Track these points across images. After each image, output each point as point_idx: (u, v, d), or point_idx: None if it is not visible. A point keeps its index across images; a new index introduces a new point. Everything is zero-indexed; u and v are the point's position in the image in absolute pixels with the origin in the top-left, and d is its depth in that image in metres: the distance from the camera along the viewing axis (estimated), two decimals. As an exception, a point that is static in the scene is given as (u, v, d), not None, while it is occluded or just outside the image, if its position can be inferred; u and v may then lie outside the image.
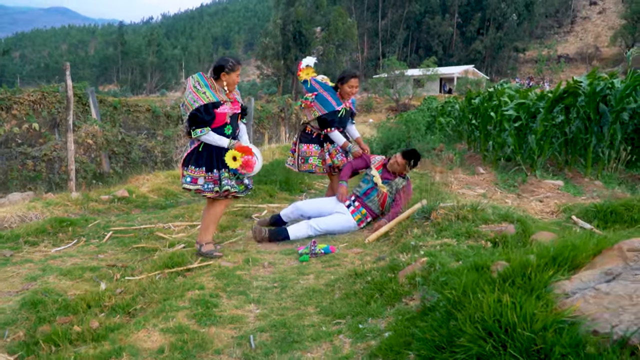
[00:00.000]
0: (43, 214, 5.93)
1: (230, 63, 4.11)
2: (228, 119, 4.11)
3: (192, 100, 3.96)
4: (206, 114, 3.96)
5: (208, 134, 4.03)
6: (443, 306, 2.03)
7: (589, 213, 3.85)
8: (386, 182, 4.78)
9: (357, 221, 4.75)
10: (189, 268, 3.87)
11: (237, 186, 4.20)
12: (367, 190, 4.82)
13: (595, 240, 2.01)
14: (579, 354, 1.43)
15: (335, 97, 5.05)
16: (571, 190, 5.77)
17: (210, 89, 4.02)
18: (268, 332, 2.70)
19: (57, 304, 3.22)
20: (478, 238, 3.39)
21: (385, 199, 4.75)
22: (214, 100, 3.99)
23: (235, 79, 4.15)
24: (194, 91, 4.00)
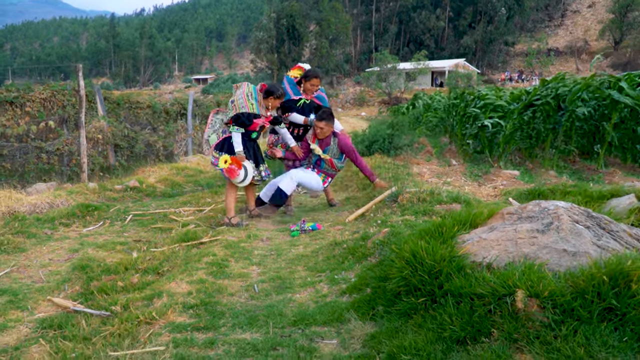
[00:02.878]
0: (68, 201, 6.79)
1: (280, 92, 5.32)
2: (258, 127, 5.33)
3: (242, 105, 5.18)
4: (247, 119, 5.17)
5: (237, 134, 5.23)
6: (388, 256, 2.96)
7: (522, 195, 4.79)
8: (326, 150, 5.77)
9: (322, 180, 5.87)
10: (202, 242, 4.77)
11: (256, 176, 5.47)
12: (317, 160, 5.87)
13: (489, 208, 2.94)
14: (459, 272, 2.34)
15: (296, 89, 6.04)
16: (525, 179, 6.71)
17: (257, 103, 5.23)
18: (267, 283, 3.61)
19: (100, 267, 4.12)
20: (432, 215, 4.30)
21: (332, 161, 5.77)
22: (256, 112, 5.22)
23: (276, 105, 5.37)
24: (245, 99, 5.21)
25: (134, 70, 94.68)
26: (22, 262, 4.35)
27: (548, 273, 2.10)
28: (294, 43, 57.03)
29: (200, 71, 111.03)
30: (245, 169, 5.24)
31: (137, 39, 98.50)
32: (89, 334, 2.90)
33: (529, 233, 2.46)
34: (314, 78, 5.97)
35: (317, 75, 6.01)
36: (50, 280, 3.97)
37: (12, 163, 9.45)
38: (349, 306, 2.83)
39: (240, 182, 5.27)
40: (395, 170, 6.82)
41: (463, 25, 71.66)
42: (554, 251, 2.31)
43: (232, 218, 5.41)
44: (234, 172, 5.15)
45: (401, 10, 71.83)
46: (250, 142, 5.44)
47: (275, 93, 5.28)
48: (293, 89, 6.03)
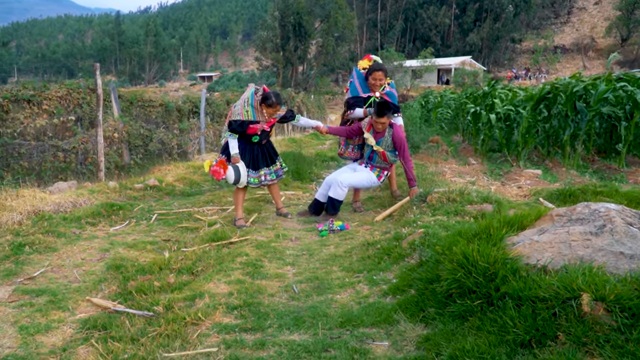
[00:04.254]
0: (90, 200, 6.82)
1: (270, 101, 5.17)
2: (259, 131, 5.28)
3: (237, 112, 5.17)
4: (239, 127, 5.14)
5: (233, 139, 5.23)
6: (433, 257, 2.96)
7: (552, 196, 4.79)
8: (379, 141, 5.47)
9: (376, 176, 5.61)
10: (232, 242, 4.79)
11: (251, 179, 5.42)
12: (370, 154, 5.61)
13: (538, 210, 2.94)
14: (515, 275, 2.35)
15: (365, 85, 5.78)
16: (548, 179, 6.70)
17: (253, 109, 5.18)
18: (305, 283, 3.63)
19: (135, 267, 4.14)
20: (464, 215, 4.31)
21: (384, 154, 5.47)
22: (252, 119, 5.16)
23: (271, 112, 5.23)
24: (242, 106, 5.18)
25: (139, 68, 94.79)
26: (56, 262, 4.37)
27: (610, 277, 2.11)
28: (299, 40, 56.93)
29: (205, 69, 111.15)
30: (237, 170, 5.18)
31: (142, 37, 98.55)
32: (135, 334, 2.91)
33: (582, 235, 2.46)
34: (375, 71, 5.67)
35: (379, 68, 5.70)
36: (86, 280, 3.99)
37: (29, 162, 9.49)
38: (395, 307, 2.84)
39: (234, 184, 5.28)
40: (417, 169, 6.82)
41: (469, 22, 71.39)
42: (610, 254, 2.32)
43: (238, 220, 5.44)
44: (218, 173, 5.16)
45: (407, 7, 71.66)
46: (252, 146, 5.38)
47: (267, 101, 5.14)
48: (362, 85, 5.78)
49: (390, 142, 5.49)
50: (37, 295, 3.64)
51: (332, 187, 5.50)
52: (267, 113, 5.22)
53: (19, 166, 9.41)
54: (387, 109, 5.35)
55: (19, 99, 10.09)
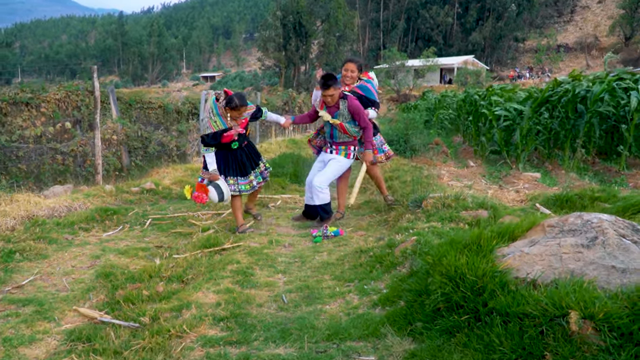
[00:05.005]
0: (85, 204, 6.78)
1: (234, 103, 4.96)
2: (236, 136, 5.14)
3: (205, 127, 5.06)
4: (212, 139, 5.01)
5: (209, 154, 5.13)
6: (424, 268, 2.90)
7: (549, 201, 4.71)
8: (336, 115, 5.25)
9: (344, 156, 5.42)
10: (224, 248, 4.73)
11: (243, 187, 5.27)
12: (330, 132, 5.40)
13: (529, 220, 2.87)
14: (503, 289, 2.28)
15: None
16: (547, 182, 6.62)
17: (220, 117, 5.00)
18: (295, 293, 3.57)
19: (124, 275, 4.08)
20: (458, 221, 4.24)
21: (343, 126, 5.24)
22: (223, 127, 5.01)
23: (237, 115, 5.05)
24: (208, 118, 5.03)
25: (142, 68, 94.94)
26: (45, 270, 4.33)
27: (600, 292, 2.04)
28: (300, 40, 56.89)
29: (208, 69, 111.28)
30: (218, 188, 5.03)
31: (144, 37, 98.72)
32: (119, 347, 2.86)
33: (573, 248, 2.39)
34: (347, 62, 5.54)
35: (352, 60, 5.56)
36: (74, 288, 3.94)
37: (27, 165, 9.46)
38: (383, 320, 2.77)
39: (219, 201, 5.11)
40: (414, 172, 6.75)
41: (471, 22, 71.18)
42: (602, 267, 2.25)
43: (240, 227, 5.33)
44: (200, 198, 5.04)
45: (409, 6, 71.49)
46: (234, 152, 5.21)
47: (230, 105, 4.93)
48: None
49: (347, 113, 5.24)
50: (24, 305, 3.59)
51: (313, 195, 5.38)
52: (234, 116, 5.04)
53: (17, 169, 9.38)
54: (332, 79, 5.12)
55: (17, 101, 10.06)
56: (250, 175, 5.34)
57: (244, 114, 5.17)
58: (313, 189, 5.33)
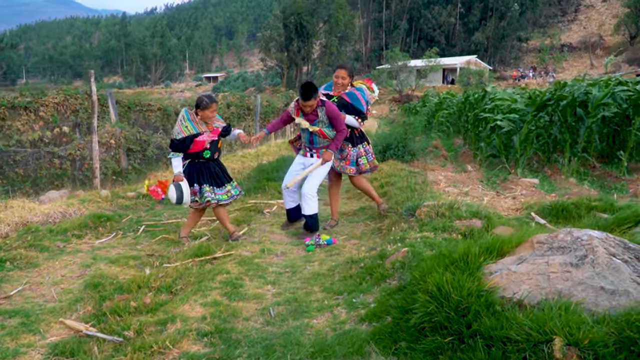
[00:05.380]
0: (80, 210, 6.73)
1: (204, 102, 4.96)
2: (207, 144, 5.08)
3: (176, 131, 5.00)
4: (180, 143, 4.96)
5: (176, 158, 5.05)
6: (410, 283, 2.84)
7: (545, 210, 4.64)
8: (315, 122, 5.17)
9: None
10: (215, 257, 4.68)
11: (220, 197, 5.14)
12: (309, 138, 5.31)
13: (518, 235, 2.80)
14: (488, 310, 2.22)
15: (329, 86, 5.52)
16: (545, 188, 6.54)
17: (192, 122, 4.99)
18: (283, 306, 3.51)
19: (113, 286, 4.04)
20: (452, 231, 4.17)
21: (322, 132, 5.17)
22: (194, 132, 4.97)
23: (209, 114, 4.99)
24: (179, 124, 5.02)
25: (145, 69, 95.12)
26: (35, 279, 4.28)
27: (587, 316, 1.97)
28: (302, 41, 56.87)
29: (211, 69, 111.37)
30: (179, 187, 4.91)
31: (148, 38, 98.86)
32: (101, 363, 2.81)
33: (562, 267, 2.33)
34: (338, 69, 5.37)
35: (342, 66, 5.38)
36: (62, 299, 3.89)
37: (25, 169, 9.43)
38: (369, 337, 2.71)
39: (177, 202, 4.97)
40: (410, 178, 6.68)
41: (474, 22, 70.91)
42: (590, 288, 2.18)
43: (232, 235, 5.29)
44: (156, 193, 5.07)
45: (412, 7, 71.30)
46: (207, 163, 5.14)
47: (199, 105, 4.95)
48: (327, 86, 5.55)
49: (325, 119, 5.16)
50: (10, 317, 3.54)
51: (303, 203, 5.29)
52: (205, 118, 5.00)
53: (15, 173, 9.36)
54: (312, 90, 5.01)
55: (16, 106, 10.04)
56: (227, 185, 5.25)
57: (215, 123, 5.16)
58: (303, 198, 5.25)
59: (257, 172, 9.41)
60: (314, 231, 5.29)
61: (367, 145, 5.61)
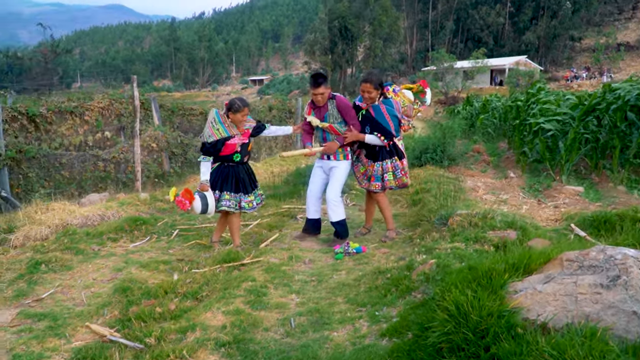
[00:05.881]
0: (119, 213, 6.88)
1: (237, 105, 4.87)
2: (238, 147, 5.00)
3: (207, 134, 4.93)
4: (212, 147, 4.88)
5: (205, 162, 4.97)
6: (432, 298, 2.72)
7: (586, 221, 4.39)
8: (325, 117, 5.03)
9: (344, 158, 5.15)
10: (243, 263, 4.66)
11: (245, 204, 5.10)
12: (323, 136, 5.17)
13: (547, 251, 2.64)
14: (509, 332, 2.09)
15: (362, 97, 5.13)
16: (590, 196, 6.23)
17: (223, 125, 4.92)
18: (305, 316, 3.45)
19: (141, 290, 4.08)
20: (484, 243, 4.01)
21: (333, 128, 5.01)
22: (226, 135, 4.90)
23: (240, 118, 4.91)
24: (209, 126, 4.96)
25: (193, 72, 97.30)
26: (67, 282, 4.38)
27: (614, 344, 1.82)
28: (346, 43, 56.79)
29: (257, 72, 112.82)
30: (204, 199, 4.86)
31: (196, 42, 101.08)
32: (119, 370, 2.82)
33: (591, 288, 2.17)
34: (362, 83, 4.97)
35: (366, 79, 4.93)
36: (91, 303, 3.96)
37: (70, 172, 9.73)
38: (387, 354, 2.61)
39: (201, 213, 4.93)
40: (447, 185, 6.50)
41: (524, 21, 68.95)
42: (621, 312, 2.02)
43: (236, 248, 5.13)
44: (183, 204, 4.86)
45: (459, 7, 70.04)
46: (236, 168, 5.06)
47: (232, 108, 4.83)
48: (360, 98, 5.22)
49: (336, 113, 5.01)
50: (39, 320, 3.63)
51: (329, 210, 5.17)
52: (236, 121, 4.92)
53: (60, 176, 9.67)
54: (322, 77, 4.95)
55: (62, 110, 10.39)
56: (251, 194, 5.16)
57: (246, 124, 5.08)
58: (329, 204, 5.14)
59: (295, 176, 9.40)
60: (343, 238, 5.21)
61: (397, 160, 5.08)
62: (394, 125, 4.94)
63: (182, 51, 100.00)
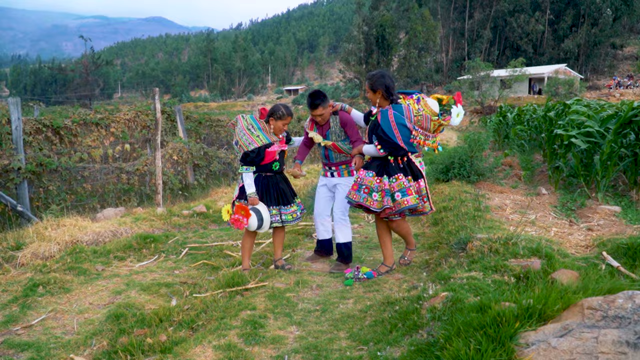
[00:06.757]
0: (132, 229, 6.74)
1: (281, 112, 4.59)
2: (277, 155, 4.67)
3: (247, 142, 4.54)
4: (257, 155, 4.53)
5: (249, 173, 4.62)
6: (435, 343, 2.39)
7: (620, 249, 3.94)
8: (327, 134, 4.77)
9: (349, 175, 4.85)
10: (247, 288, 4.40)
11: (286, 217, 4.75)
12: (325, 154, 4.90)
13: (567, 298, 2.27)
14: (513, 401, 1.75)
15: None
16: (628, 217, 5.72)
17: (262, 132, 4.57)
18: (301, 354, 3.15)
19: (135, 317, 3.86)
20: (504, 273, 3.63)
21: (336, 146, 4.76)
22: (267, 142, 4.55)
23: (281, 127, 4.61)
24: (248, 133, 4.57)
25: (229, 82, 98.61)
26: (61, 307, 4.20)
27: None
28: (382, 53, 56.48)
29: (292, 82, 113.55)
30: (259, 213, 4.55)
31: (232, 53, 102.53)
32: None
33: (615, 346, 1.81)
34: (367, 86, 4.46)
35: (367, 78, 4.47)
36: (81, 331, 3.76)
37: (92, 184, 9.71)
38: (381, 409, 2.29)
39: (257, 229, 4.61)
40: (472, 202, 6.10)
41: (564, 29, 67.19)
42: (652, 382, 1.66)
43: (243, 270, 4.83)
44: (240, 222, 4.49)
45: (496, 15, 68.75)
46: (274, 178, 4.75)
47: (275, 114, 4.56)
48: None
49: (339, 130, 4.75)
50: (22, 350, 3.44)
51: (336, 230, 4.84)
52: (276, 129, 4.62)
53: (82, 189, 9.65)
54: (320, 97, 4.61)
55: (88, 122, 10.42)
56: (293, 204, 4.83)
57: (281, 132, 4.76)
58: (335, 223, 4.85)
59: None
60: (347, 262, 4.89)
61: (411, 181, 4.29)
62: (402, 136, 4.17)
63: (218, 62, 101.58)
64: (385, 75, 4.34)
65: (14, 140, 8.19)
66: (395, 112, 4.20)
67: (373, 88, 4.33)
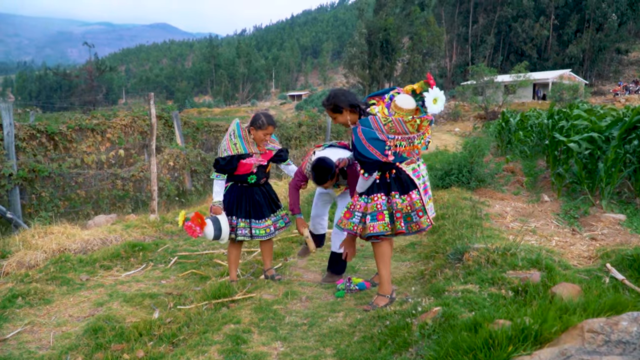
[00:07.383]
0: (122, 237, 6.57)
1: (261, 121, 4.30)
2: (254, 169, 4.42)
3: (223, 148, 4.35)
4: (227, 164, 4.30)
5: (219, 181, 4.39)
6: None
7: (624, 262, 3.73)
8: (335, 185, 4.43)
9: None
10: (234, 299, 4.21)
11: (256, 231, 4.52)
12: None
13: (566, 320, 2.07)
14: None
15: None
16: (633, 225, 5.51)
17: (242, 140, 4.33)
18: (283, 373, 2.95)
19: (114, 331, 3.66)
20: (501, 286, 3.43)
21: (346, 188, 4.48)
22: (243, 152, 4.31)
23: (261, 137, 4.34)
24: (228, 140, 4.36)
25: (233, 88, 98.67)
26: (39, 319, 4.02)
27: None
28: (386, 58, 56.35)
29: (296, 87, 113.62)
30: (217, 223, 4.31)
31: (236, 58, 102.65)
32: None
33: (618, 377, 1.61)
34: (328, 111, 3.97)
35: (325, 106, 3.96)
36: (57, 345, 3.57)
37: (87, 190, 9.55)
38: None
39: (214, 239, 4.37)
40: (471, 210, 5.90)
41: (569, 34, 66.90)
42: (660, 420, 1.46)
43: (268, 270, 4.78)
44: (192, 230, 4.29)
45: (500, 20, 68.58)
46: (250, 190, 4.49)
47: (255, 123, 4.26)
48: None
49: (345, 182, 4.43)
50: (-8, 367, 3.26)
51: (333, 237, 4.56)
52: (258, 140, 4.36)
53: (76, 195, 9.49)
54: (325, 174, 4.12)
55: (83, 128, 10.27)
56: (268, 219, 4.57)
57: (269, 145, 4.53)
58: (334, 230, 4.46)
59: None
60: (340, 274, 4.68)
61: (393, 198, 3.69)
62: (378, 150, 3.54)
63: (222, 68, 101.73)
64: (338, 92, 3.87)
65: (6, 146, 8.04)
66: (364, 127, 3.58)
67: (337, 110, 3.82)
